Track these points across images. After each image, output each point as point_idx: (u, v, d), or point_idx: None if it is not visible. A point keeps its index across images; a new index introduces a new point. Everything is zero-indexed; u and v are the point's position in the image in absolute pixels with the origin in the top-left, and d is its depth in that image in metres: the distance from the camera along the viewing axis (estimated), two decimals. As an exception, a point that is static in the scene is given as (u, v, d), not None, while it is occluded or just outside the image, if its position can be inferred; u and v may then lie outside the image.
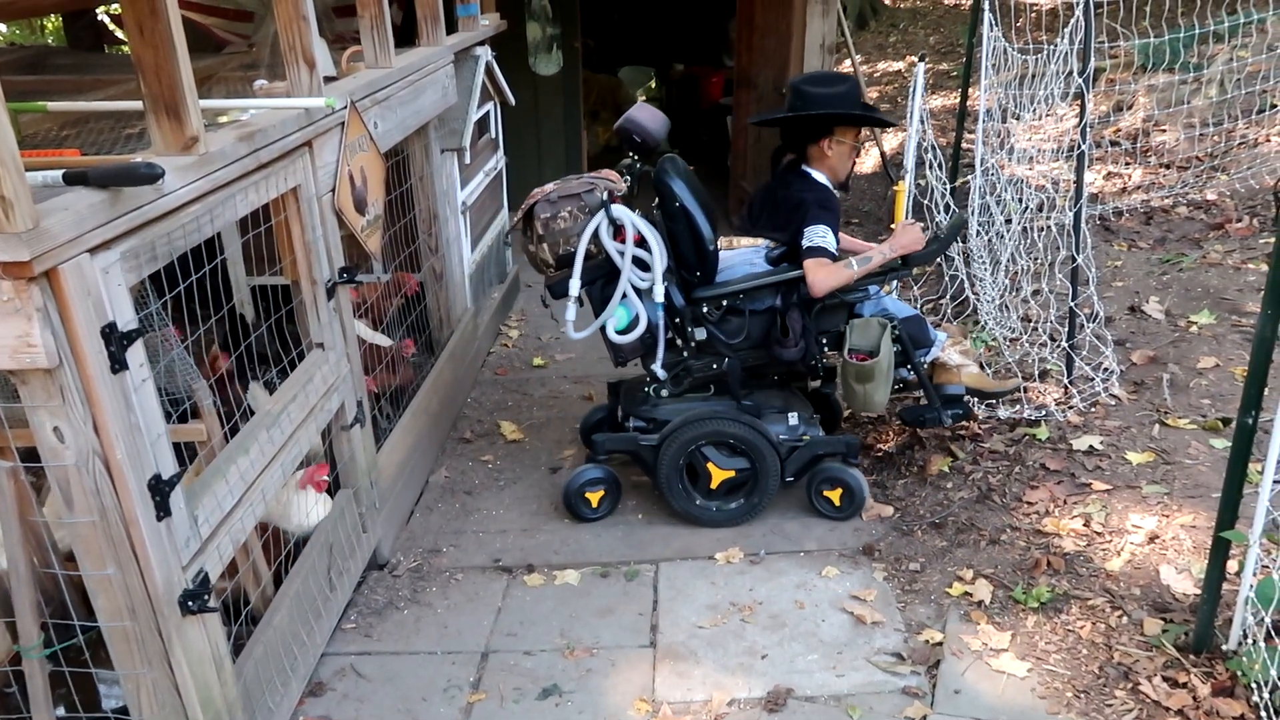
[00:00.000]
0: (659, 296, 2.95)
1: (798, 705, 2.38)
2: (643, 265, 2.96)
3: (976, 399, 3.32)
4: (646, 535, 3.13)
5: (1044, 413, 3.42)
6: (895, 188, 3.16)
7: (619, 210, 2.92)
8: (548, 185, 3.02)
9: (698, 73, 8.71)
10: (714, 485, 3.09)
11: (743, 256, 3.20)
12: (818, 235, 2.90)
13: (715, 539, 3.07)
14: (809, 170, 3.06)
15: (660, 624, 2.71)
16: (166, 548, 1.76)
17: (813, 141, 3.04)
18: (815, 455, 3.11)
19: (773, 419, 3.11)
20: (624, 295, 2.95)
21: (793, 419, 3.13)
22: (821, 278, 2.87)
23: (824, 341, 3.10)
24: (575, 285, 2.94)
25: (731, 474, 3.08)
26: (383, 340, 3.24)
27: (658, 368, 3.08)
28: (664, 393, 3.15)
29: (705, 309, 3.01)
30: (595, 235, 2.92)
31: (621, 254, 2.92)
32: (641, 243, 2.94)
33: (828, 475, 3.11)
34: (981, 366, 3.38)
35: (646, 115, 2.97)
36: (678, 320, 3.02)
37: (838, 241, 2.95)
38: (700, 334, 3.04)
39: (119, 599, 1.73)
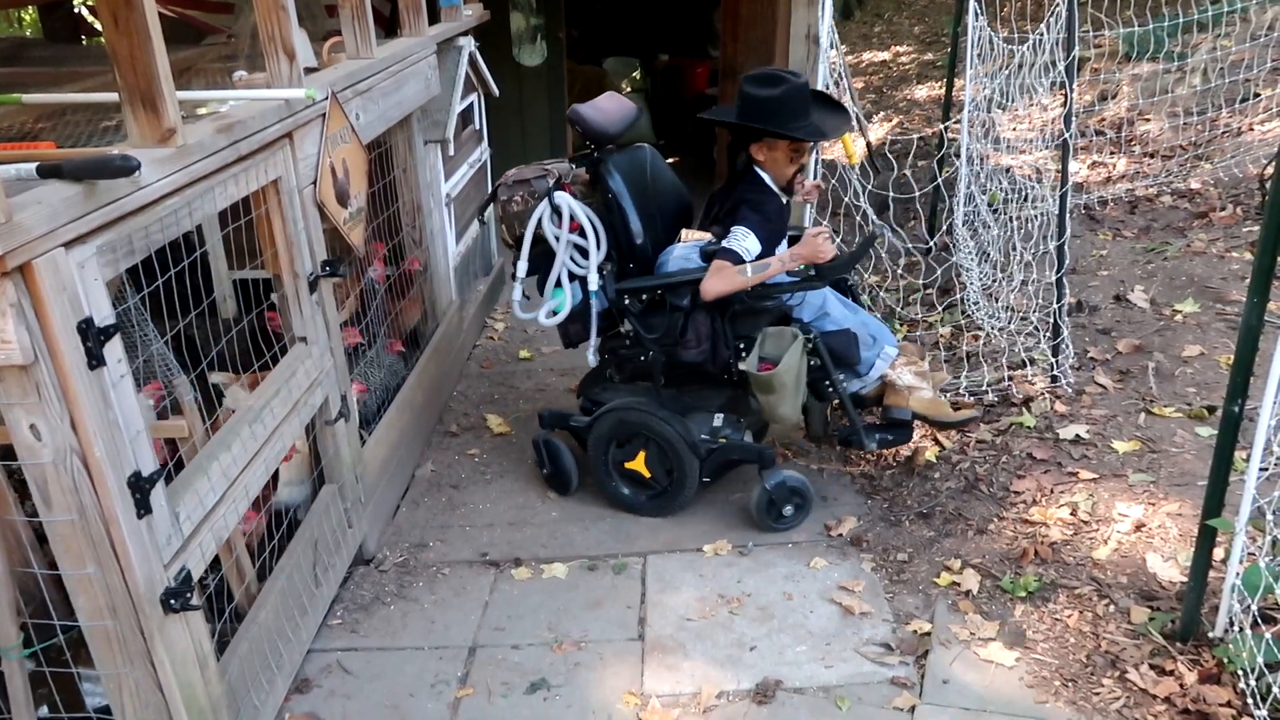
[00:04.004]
0: (592, 284, 3.00)
1: (786, 697, 2.38)
2: (584, 253, 3.02)
3: (927, 425, 3.21)
4: (634, 528, 3.12)
5: (1015, 392, 3.42)
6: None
7: (561, 198, 2.98)
8: (511, 170, 3.13)
9: (683, 63, 8.68)
10: (643, 475, 3.14)
11: (684, 250, 3.14)
12: (735, 237, 2.85)
13: (703, 531, 3.07)
14: (759, 171, 2.99)
15: (648, 617, 2.70)
16: (147, 546, 1.74)
17: (749, 143, 2.98)
18: (729, 460, 3.06)
19: (699, 418, 3.07)
20: (558, 280, 3.05)
21: (717, 420, 3.07)
22: (713, 281, 2.84)
23: (741, 347, 2.97)
24: (521, 267, 3.10)
25: (642, 466, 3.11)
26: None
27: (590, 354, 3.15)
28: (616, 378, 3.20)
29: (628, 301, 3.02)
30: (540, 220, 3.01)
31: (558, 239, 3.00)
32: (581, 231, 2.98)
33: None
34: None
35: (594, 107, 3.01)
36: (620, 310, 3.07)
37: (765, 245, 2.86)
38: (626, 325, 3.07)
39: (99, 598, 1.71)
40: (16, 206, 1.45)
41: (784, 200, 3.04)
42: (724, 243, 2.86)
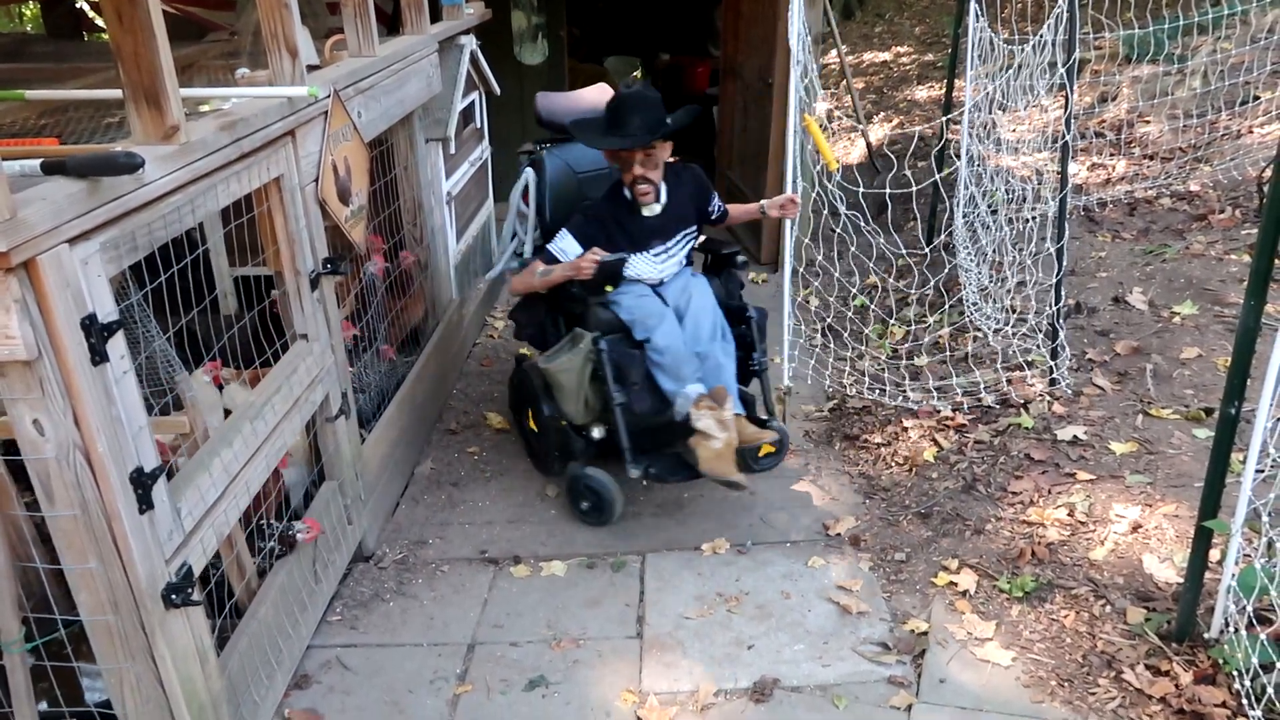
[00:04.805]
0: (526, 252, 3.43)
1: (784, 695, 2.39)
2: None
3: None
4: (633, 526, 3.13)
5: (1014, 394, 3.43)
6: (806, 121, 3.15)
7: (526, 171, 3.41)
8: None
9: (684, 62, 8.68)
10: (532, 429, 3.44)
11: None
12: (555, 238, 3.11)
13: (702, 530, 3.08)
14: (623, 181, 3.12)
15: (647, 615, 2.71)
16: (149, 541, 1.74)
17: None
18: (558, 440, 3.22)
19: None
20: (515, 245, 3.47)
21: None
22: (516, 277, 3.24)
23: None
24: (505, 228, 3.53)
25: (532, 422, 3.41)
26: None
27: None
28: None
29: None
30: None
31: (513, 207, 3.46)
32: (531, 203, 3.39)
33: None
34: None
35: (565, 96, 3.32)
36: None
37: (584, 247, 3.02)
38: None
39: (101, 593, 1.71)
40: (21, 203, 1.45)
41: (643, 209, 3.09)
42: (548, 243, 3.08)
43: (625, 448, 3.01)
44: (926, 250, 4.44)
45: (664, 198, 3.12)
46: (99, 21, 5.17)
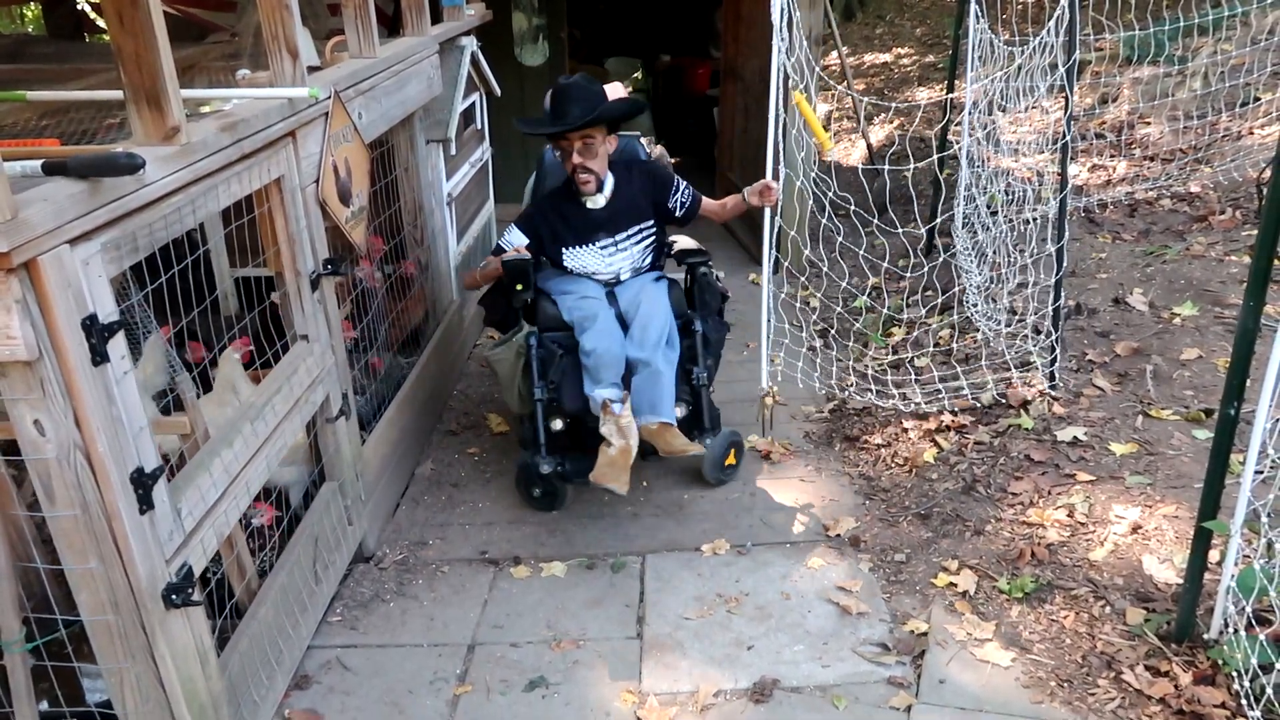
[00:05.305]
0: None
1: (784, 696, 2.39)
2: None
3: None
4: (633, 527, 3.14)
5: (1003, 396, 3.42)
6: (795, 99, 3.13)
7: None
8: None
9: (684, 64, 8.68)
10: None
11: None
12: (504, 232, 3.29)
13: (702, 531, 3.08)
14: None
15: (647, 615, 2.71)
16: (149, 541, 1.75)
17: None
18: (519, 430, 3.36)
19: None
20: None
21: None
22: (468, 272, 3.44)
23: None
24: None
25: None
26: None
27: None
28: None
29: None
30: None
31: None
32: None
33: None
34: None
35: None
36: None
37: (530, 239, 3.21)
38: None
39: (101, 593, 1.72)
40: (22, 203, 1.45)
41: (586, 200, 3.16)
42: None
43: (540, 442, 3.09)
44: (917, 233, 4.44)
45: (609, 190, 3.14)
46: (100, 23, 5.18)
